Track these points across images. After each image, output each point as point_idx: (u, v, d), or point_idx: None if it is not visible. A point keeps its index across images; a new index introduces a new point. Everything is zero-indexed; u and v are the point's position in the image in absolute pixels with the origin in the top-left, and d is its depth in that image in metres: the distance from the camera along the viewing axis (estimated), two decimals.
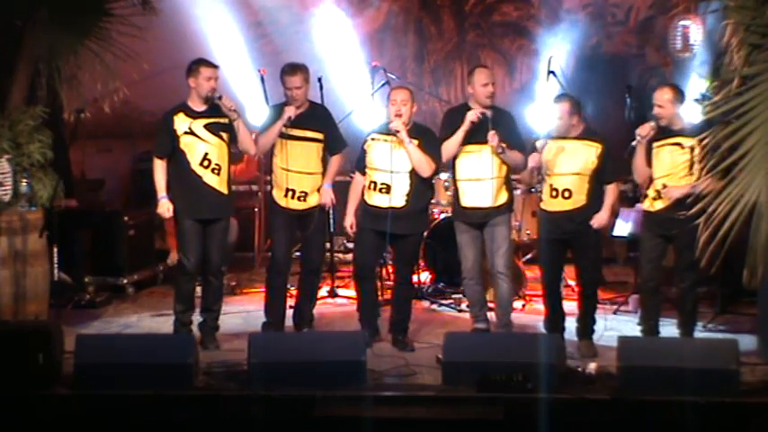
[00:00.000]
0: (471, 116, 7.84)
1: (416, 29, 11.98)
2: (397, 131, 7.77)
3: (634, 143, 7.62)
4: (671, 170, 7.50)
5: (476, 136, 7.87)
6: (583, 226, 7.75)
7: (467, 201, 7.98)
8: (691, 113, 7.74)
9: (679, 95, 7.59)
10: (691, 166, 7.41)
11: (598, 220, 7.74)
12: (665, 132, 7.57)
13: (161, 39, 9.35)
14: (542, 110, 9.53)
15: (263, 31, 11.74)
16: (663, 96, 7.56)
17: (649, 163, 7.64)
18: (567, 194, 7.78)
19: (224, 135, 7.84)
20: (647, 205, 7.71)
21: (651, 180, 7.66)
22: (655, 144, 7.60)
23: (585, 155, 7.76)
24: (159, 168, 7.83)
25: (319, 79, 8.78)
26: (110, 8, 8.90)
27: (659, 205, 7.58)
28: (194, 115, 7.79)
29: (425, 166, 7.84)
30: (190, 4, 11.09)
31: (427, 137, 7.95)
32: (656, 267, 7.70)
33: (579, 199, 7.77)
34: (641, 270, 7.83)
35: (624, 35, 11.72)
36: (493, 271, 8.05)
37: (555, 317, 8.00)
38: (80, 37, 8.75)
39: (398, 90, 8.07)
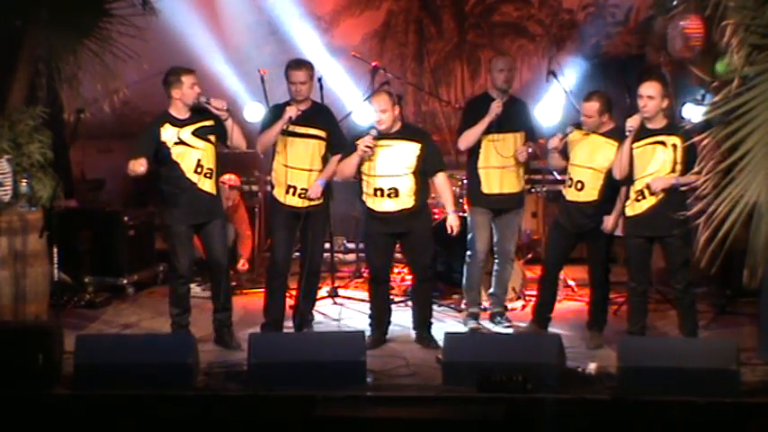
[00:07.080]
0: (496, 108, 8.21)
1: (416, 29, 11.98)
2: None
3: (627, 133, 7.51)
4: (655, 169, 7.46)
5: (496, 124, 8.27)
6: (595, 223, 7.81)
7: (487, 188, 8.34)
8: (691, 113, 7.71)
9: (666, 90, 7.54)
10: (674, 164, 7.42)
11: (606, 223, 7.77)
12: (645, 132, 7.52)
13: (161, 39, 9.35)
14: (543, 109, 9.54)
15: (263, 31, 11.73)
16: (653, 90, 7.48)
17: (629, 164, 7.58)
18: (579, 186, 7.87)
19: (212, 138, 7.82)
20: (628, 210, 7.61)
21: (632, 182, 7.56)
22: (635, 144, 7.52)
23: (605, 152, 7.79)
24: (134, 161, 7.66)
25: (319, 79, 8.78)
26: (109, 8, 8.90)
27: (645, 205, 7.50)
28: (180, 124, 7.74)
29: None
30: (190, 4, 11.08)
31: (427, 140, 8.01)
32: (645, 270, 7.70)
33: (591, 193, 7.83)
34: (630, 274, 7.74)
35: (624, 35, 11.72)
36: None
37: (543, 305, 8.11)
38: (80, 37, 8.75)
39: (376, 98, 7.99)
